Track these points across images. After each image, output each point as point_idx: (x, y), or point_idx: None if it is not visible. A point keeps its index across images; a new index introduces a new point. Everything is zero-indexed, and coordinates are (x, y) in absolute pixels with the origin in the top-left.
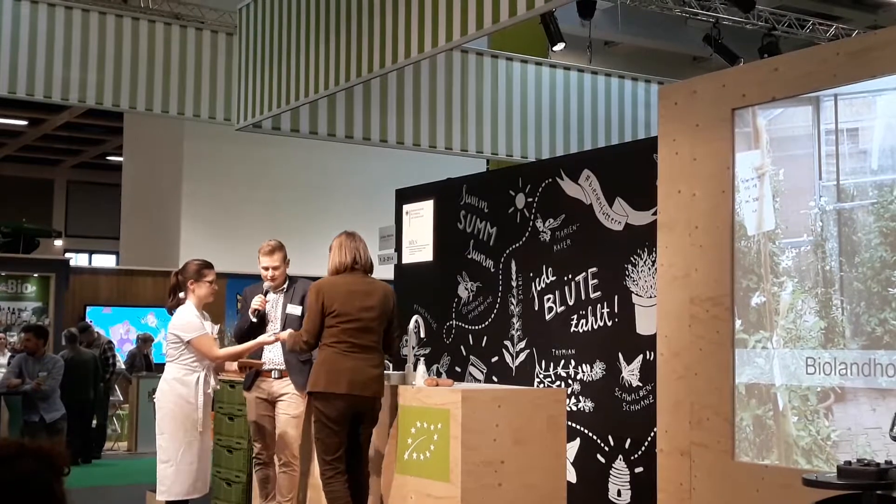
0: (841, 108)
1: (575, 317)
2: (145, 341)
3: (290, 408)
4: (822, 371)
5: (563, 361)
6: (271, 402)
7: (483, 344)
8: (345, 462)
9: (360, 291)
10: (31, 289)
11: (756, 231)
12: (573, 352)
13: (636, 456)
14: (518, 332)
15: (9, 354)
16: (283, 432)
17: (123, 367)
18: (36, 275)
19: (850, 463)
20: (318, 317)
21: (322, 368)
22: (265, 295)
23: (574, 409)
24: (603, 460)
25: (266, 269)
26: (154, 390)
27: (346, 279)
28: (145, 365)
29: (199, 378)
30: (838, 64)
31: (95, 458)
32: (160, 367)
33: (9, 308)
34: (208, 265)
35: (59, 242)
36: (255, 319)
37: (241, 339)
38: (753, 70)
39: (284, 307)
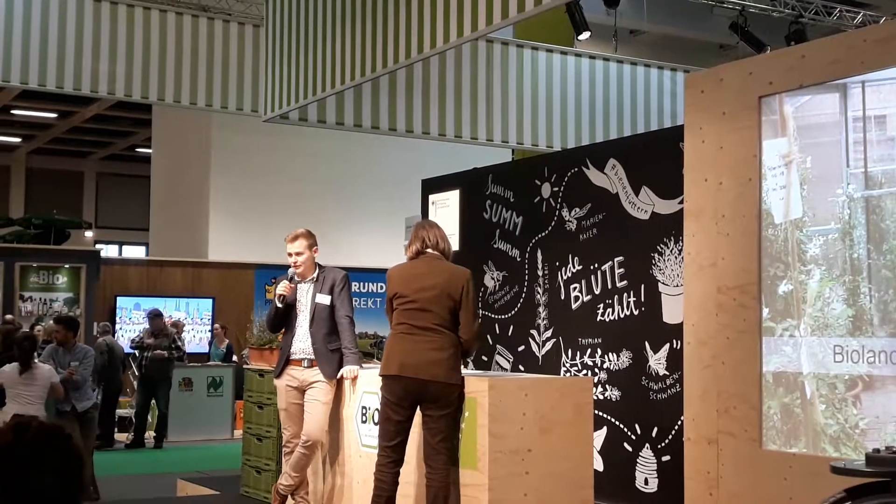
0: (868, 94)
1: (601, 306)
2: (176, 326)
3: (321, 394)
4: (849, 359)
5: (589, 350)
6: (301, 389)
7: (509, 333)
8: (401, 453)
9: (421, 273)
10: (62, 280)
11: (783, 219)
12: (600, 340)
13: (663, 444)
14: (544, 322)
15: (39, 344)
16: (312, 416)
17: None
18: (67, 266)
19: (878, 451)
20: (387, 304)
21: (385, 351)
22: (290, 281)
23: (601, 397)
24: (630, 449)
25: (290, 255)
26: (186, 380)
27: (412, 263)
28: (179, 355)
29: None
30: (866, 50)
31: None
32: (192, 357)
33: (41, 298)
34: None
35: (89, 234)
36: (280, 305)
37: (270, 326)
38: (780, 57)
39: (314, 296)
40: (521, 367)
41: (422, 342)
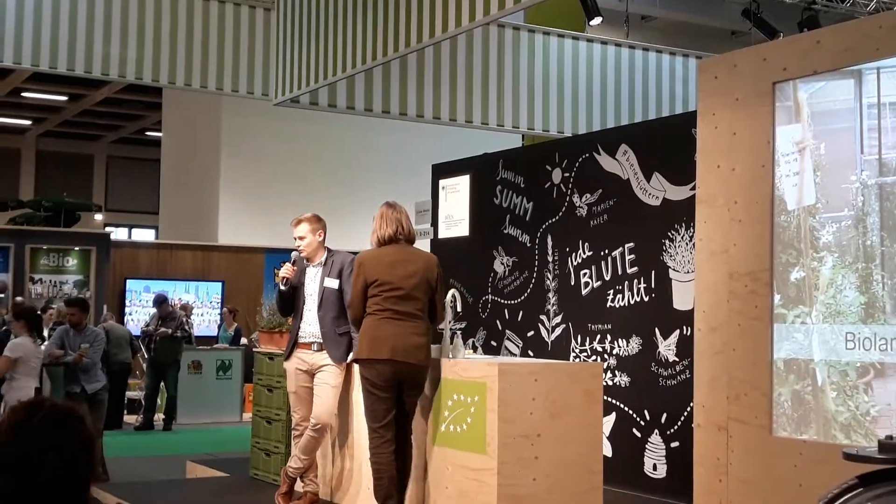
0: (883, 81)
1: (611, 292)
2: (185, 309)
3: (330, 378)
4: (861, 346)
5: (599, 336)
6: (311, 373)
7: (519, 318)
8: (392, 430)
9: (402, 261)
10: (72, 262)
11: (796, 205)
12: (609, 327)
13: (672, 430)
14: (554, 307)
15: (50, 326)
16: (322, 399)
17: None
18: (77, 248)
19: (891, 437)
20: (360, 290)
21: (365, 336)
22: (293, 264)
23: (610, 383)
24: (639, 434)
25: (295, 239)
26: (195, 363)
27: (388, 250)
28: (186, 337)
29: None
30: (881, 37)
31: (149, 429)
32: (201, 340)
33: (51, 281)
34: None
35: (99, 217)
36: (283, 287)
37: (280, 310)
38: (795, 43)
39: (322, 280)
40: (531, 353)
41: (406, 327)
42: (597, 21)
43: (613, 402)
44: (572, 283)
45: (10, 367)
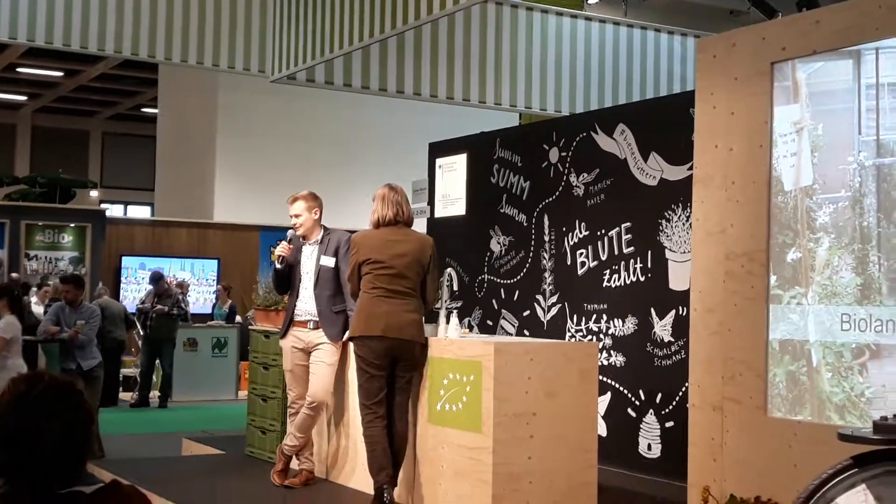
0: (882, 61)
1: (608, 272)
2: (181, 286)
3: (326, 356)
4: (857, 327)
5: (594, 316)
6: (307, 351)
7: (515, 298)
8: (384, 408)
9: (395, 240)
10: (67, 239)
11: (793, 186)
12: (605, 306)
13: (667, 410)
14: (550, 287)
15: (46, 303)
16: (318, 378)
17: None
18: (72, 225)
19: (886, 418)
20: (354, 268)
21: (360, 314)
22: (289, 242)
23: (605, 363)
24: (633, 414)
25: (291, 216)
26: (191, 340)
27: (383, 231)
28: (182, 315)
29: None
30: (880, 17)
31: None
32: (196, 317)
33: (46, 257)
34: None
35: (94, 193)
36: (279, 266)
37: (276, 288)
38: (794, 23)
39: (318, 259)
40: (527, 332)
41: (398, 305)
42: None
43: (609, 381)
44: (569, 263)
45: (2, 348)
